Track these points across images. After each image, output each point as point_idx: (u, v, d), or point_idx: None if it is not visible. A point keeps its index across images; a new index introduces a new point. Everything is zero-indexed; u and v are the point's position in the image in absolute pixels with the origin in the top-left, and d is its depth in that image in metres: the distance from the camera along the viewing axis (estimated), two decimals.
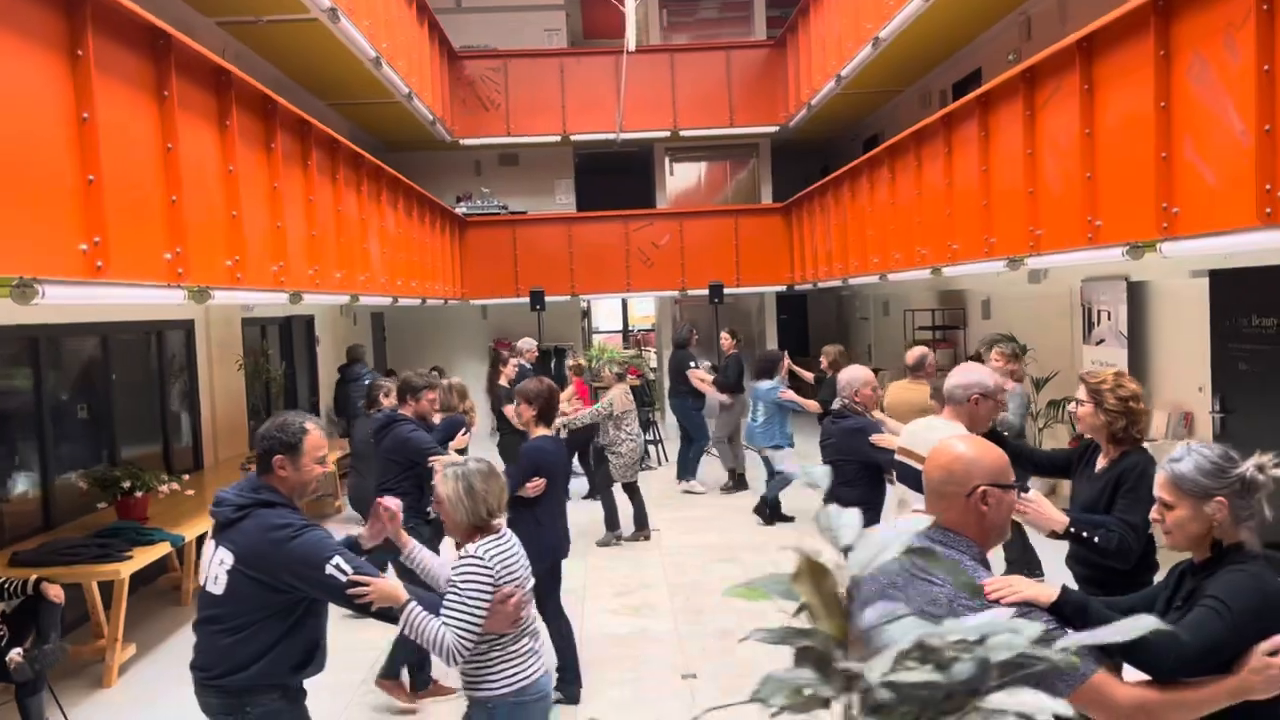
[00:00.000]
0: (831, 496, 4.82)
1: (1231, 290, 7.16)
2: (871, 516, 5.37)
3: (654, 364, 16.86)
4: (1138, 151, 5.33)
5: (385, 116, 13.49)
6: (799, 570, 1.05)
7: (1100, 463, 3.75)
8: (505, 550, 3.30)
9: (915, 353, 7.47)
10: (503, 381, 9.72)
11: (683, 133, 15.84)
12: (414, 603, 3.06)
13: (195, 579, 7.41)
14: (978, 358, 10.96)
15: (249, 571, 3.04)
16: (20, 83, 3.89)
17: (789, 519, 9.38)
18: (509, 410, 8.50)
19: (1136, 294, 8.33)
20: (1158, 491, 2.37)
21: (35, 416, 6.88)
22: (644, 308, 24.49)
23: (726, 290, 14.74)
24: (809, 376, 10.83)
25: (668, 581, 7.46)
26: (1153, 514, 2.42)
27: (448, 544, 3.81)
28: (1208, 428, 7.42)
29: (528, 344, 11.40)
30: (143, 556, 5.91)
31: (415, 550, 3.46)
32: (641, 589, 7.30)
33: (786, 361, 10.16)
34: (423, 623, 3.06)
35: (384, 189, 9.96)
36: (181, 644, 6.51)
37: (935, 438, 3.88)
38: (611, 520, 8.79)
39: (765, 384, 9.57)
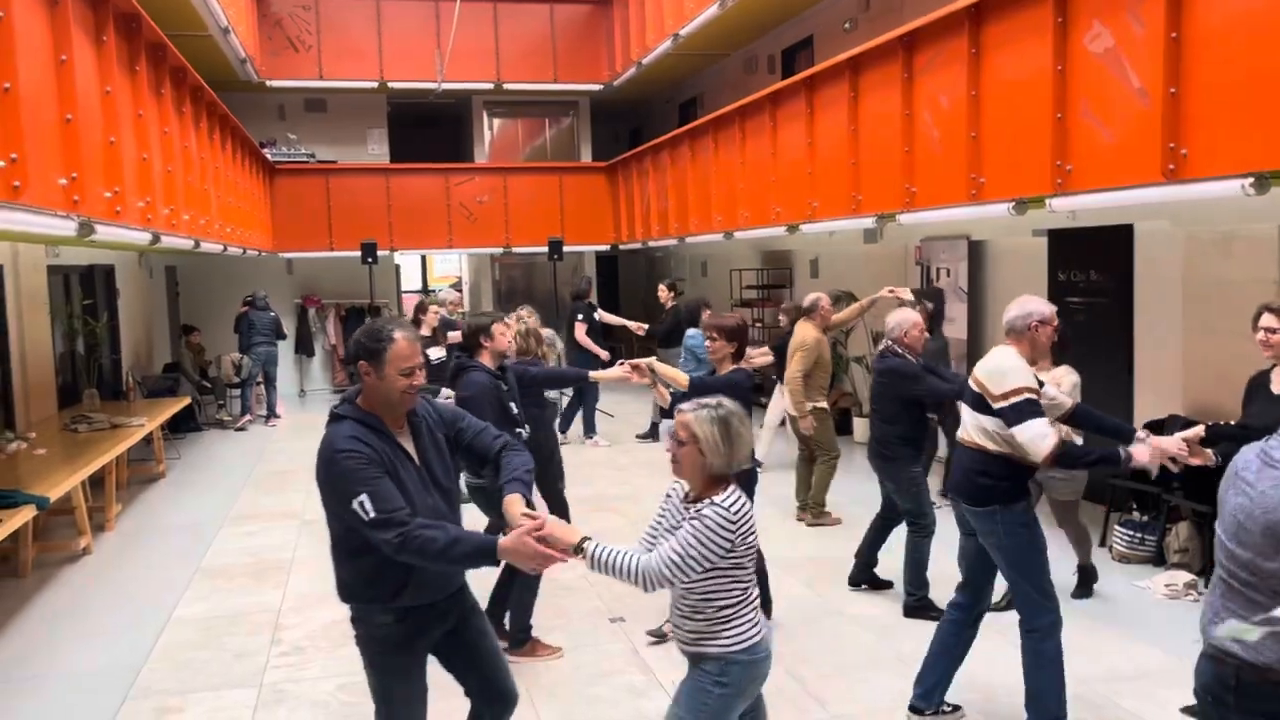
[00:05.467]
0: (876, 433, 4.94)
1: (1069, 248, 7.87)
2: (914, 452, 5.69)
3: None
4: (1030, 112, 5.73)
5: (192, 52, 12.40)
6: None
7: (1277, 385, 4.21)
8: (747, 511, 3.01)
9: (810, 297, 7.90)
10: (424, 331, 9.12)
11: (506, 86, 15.54)
12: (591, 540, 2.87)
13: (31, 549, 6.72)
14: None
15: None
16: None
17: None
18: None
19: (977, 252, 8.99)
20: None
21: None
22: (444, 267, 23.96)
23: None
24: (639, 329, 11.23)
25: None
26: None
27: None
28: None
29: (450, 295, 10.86)
30: (11, 521, 5.26)
31: None
32: None
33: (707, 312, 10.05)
34: (609, 556, 2.87)
35: (217, 127, 9.25)
36: (39, 621, 5.89)
37: (993, 362, 4.16)
38: None
39: (694, 330, 9.49)
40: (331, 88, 15.40)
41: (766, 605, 5.33)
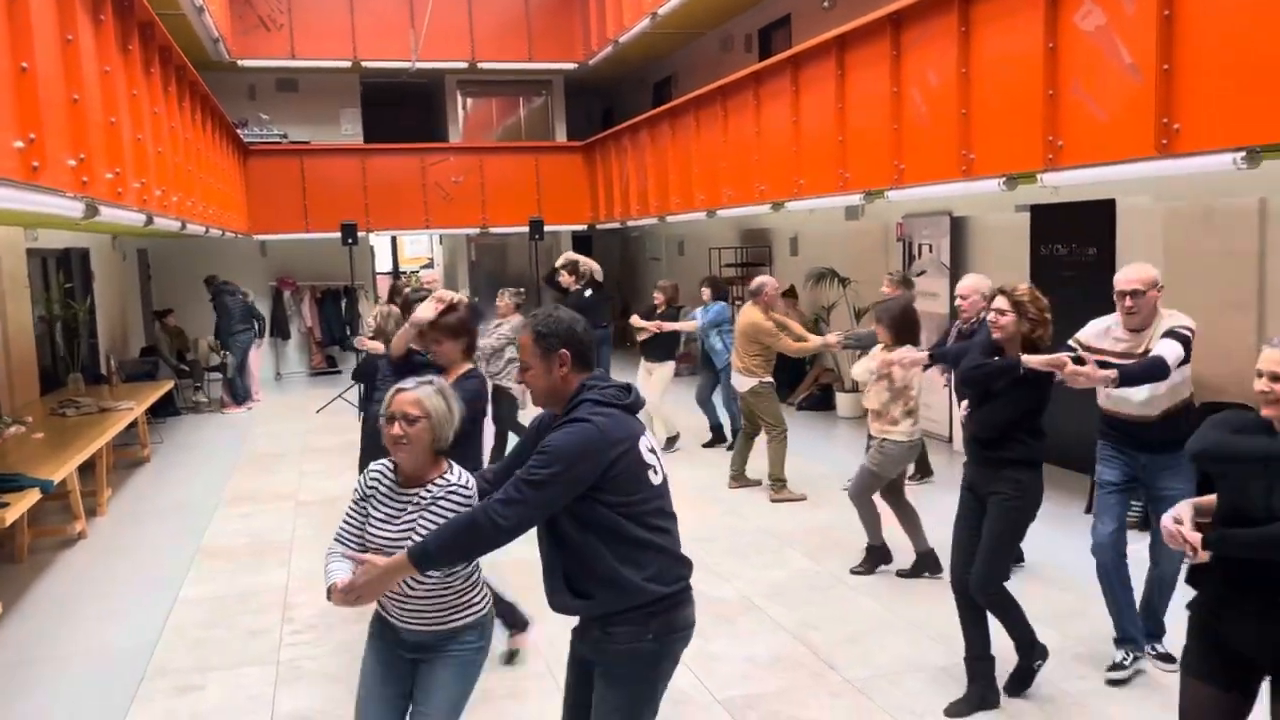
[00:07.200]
0: None
1: (1051, 223, 8.02)
2: None
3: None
4: (1021, 89, 5.84)
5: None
6: None
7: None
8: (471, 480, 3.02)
9: (756, 281, 8.08)
10: None
11: (481, 65, 15.47)
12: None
13: (27, 533, 6.69)
14: (793, 291, 11.65)
15: None
16: None
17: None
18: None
19: (959, 228, 9.13)
20: (1272, 367, 2.68)
21: None
22: (414, 249, 23.82)
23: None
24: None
25: None
26: (1260, 386, 2.70)
27: None
28: None
29: (427, 273, 10.87)
30: (18, 504, 5.25)
31: None
32: None
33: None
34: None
35: (199, 107, 9.16)
36: (44, 605, 5.88)
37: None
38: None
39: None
40: (303, 67, 15.24)
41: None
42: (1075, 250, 7.87)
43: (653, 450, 2.85)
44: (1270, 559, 2.59)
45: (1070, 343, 4.67)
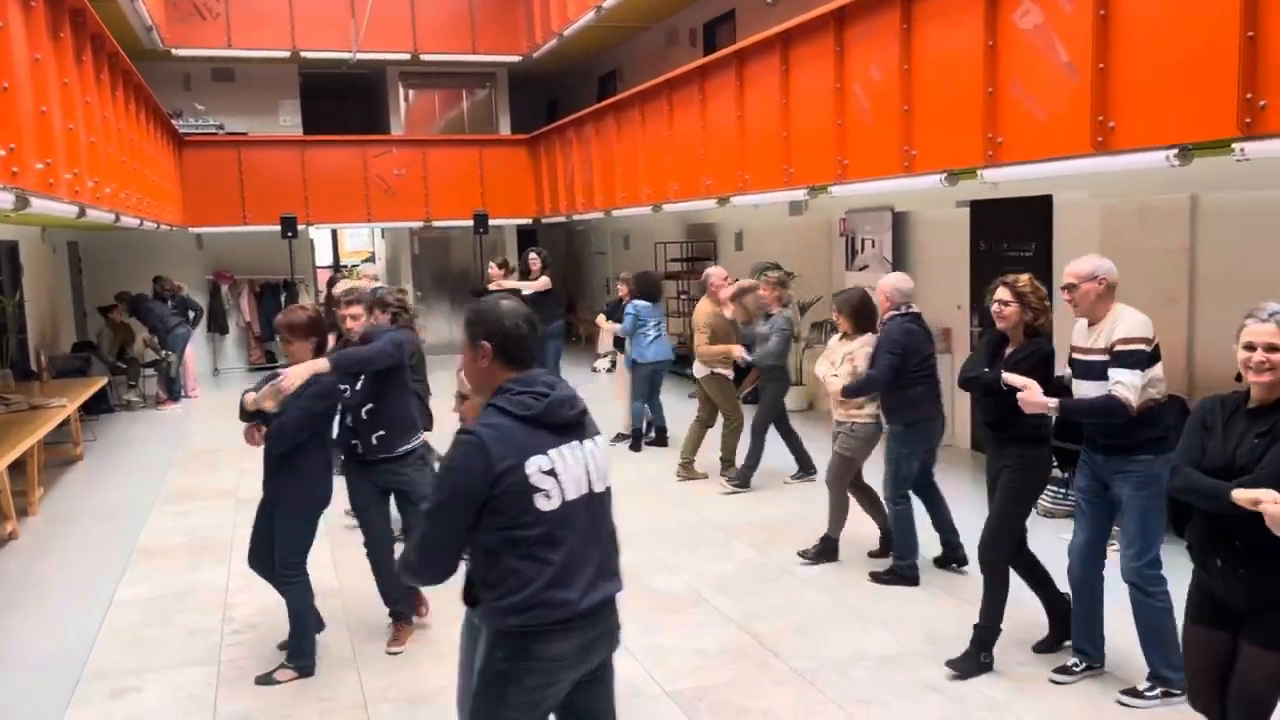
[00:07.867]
0: None
1: (990, 219, 8.16)
2: None
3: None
4: (962, 86, 5.93)
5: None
6: None
7: (1008, 351, 4.51)
8: None
9: (704, 273, 8.30)
10: None
11: (423, 56, 15.30)
12: None
13: None
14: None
15: None
16: None
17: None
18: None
19: (901, 223, 9.25)
20: (1267, 339, 2.85)
21: None
22: (355, 242, 23.51)
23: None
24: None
25: None
26: (1256, 357, 2.87)
27: None
28: (964, 341, 8.47)
29: (367, 268, 10.76)
30: None
31: None
32: None
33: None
34: None
35: (132, 97, 8.93)
36: None
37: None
38: None
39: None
40: (240, 57, 14.94)
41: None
42: (1014, 245, 8.02)
43: (551, 472, 2.56)
44: (1218, 511, 2.93)
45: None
